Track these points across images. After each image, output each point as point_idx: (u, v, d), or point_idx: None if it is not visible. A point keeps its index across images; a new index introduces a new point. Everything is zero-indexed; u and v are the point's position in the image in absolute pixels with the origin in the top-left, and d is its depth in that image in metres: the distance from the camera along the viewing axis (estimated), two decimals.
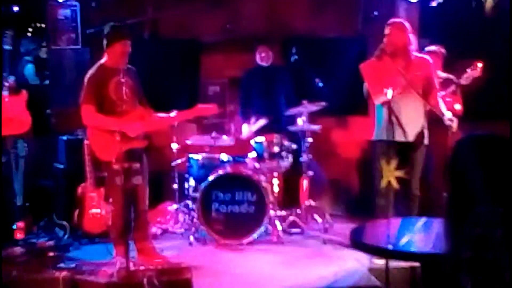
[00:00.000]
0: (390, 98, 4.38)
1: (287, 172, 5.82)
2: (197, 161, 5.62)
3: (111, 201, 4.68)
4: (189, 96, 6.39)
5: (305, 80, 5.85)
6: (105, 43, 4.56)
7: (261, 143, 5.55)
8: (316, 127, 5.68)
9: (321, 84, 5.65)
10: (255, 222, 5.20)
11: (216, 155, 5.65)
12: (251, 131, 5.86)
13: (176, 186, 5.82)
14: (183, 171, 5.79)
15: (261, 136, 5.66)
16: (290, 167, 5.66)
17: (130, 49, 4.55)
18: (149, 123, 4.67)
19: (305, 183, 5.70)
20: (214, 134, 5.80)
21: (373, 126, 4.88)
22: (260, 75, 6.34)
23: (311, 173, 5.71)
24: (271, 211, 5.31)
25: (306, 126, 5.60)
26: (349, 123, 7.05)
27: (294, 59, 5.78)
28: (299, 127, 5.64)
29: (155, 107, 4.81)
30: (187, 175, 5.72)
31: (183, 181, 5.79)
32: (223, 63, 6.89)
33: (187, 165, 5.72)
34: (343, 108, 6.67)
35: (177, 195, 5.83)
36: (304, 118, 5.58)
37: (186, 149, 5.87)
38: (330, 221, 5.66)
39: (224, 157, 5.60)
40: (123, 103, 4.44)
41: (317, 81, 5.65)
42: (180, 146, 5.78)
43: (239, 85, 6.55)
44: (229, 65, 6.87)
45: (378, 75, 4.62)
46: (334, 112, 6.32)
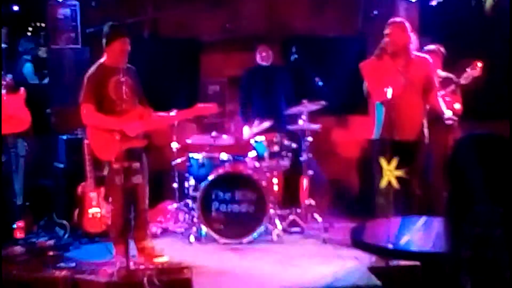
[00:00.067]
0: (390, 97, 4.39)
1: (287, 171, 5.83)
2: (197, 160, 5.62)
3: (111, 200, 4.68)
4: (188, 95, 6.39)
5: (305, 79, 5.85)
6: (104, 42, 4.56)
7: (261, 142, 5.55)
8: (316, 126, 5.67)
9: (321, 83, 5.65)
10: (255, 221, 5.20)
11: (216, 155, 5.65)
12: (252, 133, 5.83)
13: (176, 185, 5.82)
14: (183, 170, 5.80)
15: (261, 135, 5.66)
16: (290, 166, 5.66)
17: (129, 48, 4.55)
18: (148, 123, 4.67)
19: (305, 182, 5.70)
20: (214, 133, 5.81)
21: (373, 125, 4.88)
22: (260, 74, 6.34)
23: (311, 172, 5.71)
24: (271, 210, 5.31)
25: (306, 125, 5.60)
26: (349, 122, 7.05)
27: (294, 58, 5.77)
28: (299, 126, 5.64)
29: (155, 107, 4.81)
30: (187, 174, 5.72)
31: (183, 180, 5.79)
32: (222, 62, 6.89)
33: (187, 164, 5.72)
34: (343, 107, 6.68)
35: (177, 194, 5.83)
36: (304, 117, 5.58)
37: (186, 149, 5.87)
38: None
39: (224, 156, 5.60)
40: (123, 102, 4.44)
41: (317, 80, 5.65)
42: (180, 145, 5.79)
43: (239, 84, 6.55)
44: (229, 65, 6.87)
45: (378, 74, 4.61)
46: (334, 111, 6.32)
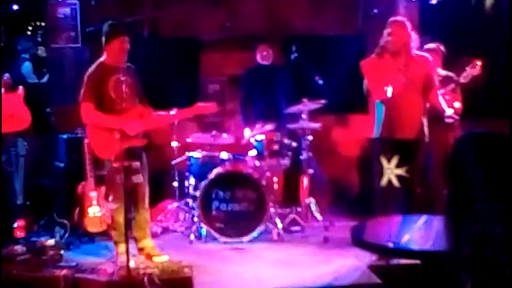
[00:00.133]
0: (390, 96, 4.38)
1: (287, 170, 5.83)
2: (197, 159, 5.62)
3: (111, 199, 4.67)
4: (188, 94, 6.38)
5: (305, 78, 5.84)
6: (103, 41, 4.56)
7: (261, 141, 5.55)
8: (316, 125, 5.67)
9: (321, 82, 5.65)
10: (256, 220, 5.20)
11: (216, 153, 5.65)
12: (253, 135, 5.79)
13: (176, 184, 5.83)
14: (183, 169, 5.80)
15: (261, 134, 5.66)
16: (290, 165, 5.65)
17: (128, 46, 4.55)
18: (148, 122, 4.67)
19: (305, 181, 5.70)
20: (214, 132, 5.81)
21: (373, 124, 4.87)
22: (260, 73, 6.34)
23: (311, 171, 5.71)
24: (271, 209, 5.31)
25: (306, 124, 5.60)
26: (349, 121, 7.06)
27: (294, 57, 5.77)
28: (299, 125, 5.64)
29: (155, 106, 4.80)
30: (187, 174, 5.73)
31: (183, 179, 5.80)
32: (222, 61, 6.89)
33: (187, 163, 5.72)
34: (343, 106, 6.68)
35: (177, 193, 5.83)
36: (304, 116, 5.58)
37: (186, 148, 5.87)
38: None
39: (224, 155, 5.60)
40: (123, 101, 4.43)
41: (317, 79, 5.65)
42: (180, 144, 5.79)
43: (239, 83, 6.55)
44: (229, 64, 6.88)
45: (378, 72, 4.61)
46: (334, 110, 6.33)
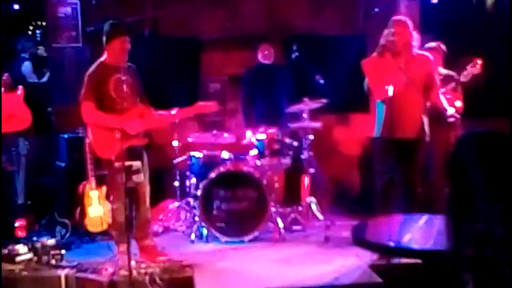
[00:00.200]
0: (391, 95, 4.38)
1: (288, 169, 5.82)
2: (198, 158, 5.62)
3: (112, 199, 4.67)
4: (189, 94, 6.39)
5: (306, 77, 5.84)
6: (104, 41, 4.56)
7: (262, 140, 5.54)
8: (317, 124, 5.67)
9: (322, 81, 5.64)
10: (257, 219, 5.20)
11: (217, 153, 5.65)
12: (255, 138, 5.73)
13: (177, 183, 5.83)
14: (184, 168, 5.80)
15: (262, 133, 5.65)
16: (291, 164, 5.65)
17: (129, 46, 4.54)
18: (149, 121, 4.67)
19: (306, 180, 5.69)
20: (215, 131, 5.80)
21: (374, 123, 4.87)
22: (261, 73, 6.34)
23: (312, 171, 5.71)
24: (272, 209, 5.31)
25: (307, 123, 5.60)
26: (350, 120, 7.05)
27: (295, 56, 5.77)
28: (300, 125, 5.64)
29: (156, 105, 4.80)
30: (188, 173, 5.73)
31: (184, 178, 5.80)
32: (223, 60, 6.89)
33: (188, 162, 5.72)
34: (344, 105, 6.67)
35: (178, 192, 5.84)
36: (305, 115, 5.58)
37: (187, 147, 5.88)
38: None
39: (225, 154, 5.60)
40: (123, 101, 4.43)
41: (318, 78, 5.64)
42: (181, 144, 5.79)
43: (239, 82, 6.55)
44: (230, 63, 6.88)
45: (379, 71, 4.60)
46: (335, 109, 6.32)
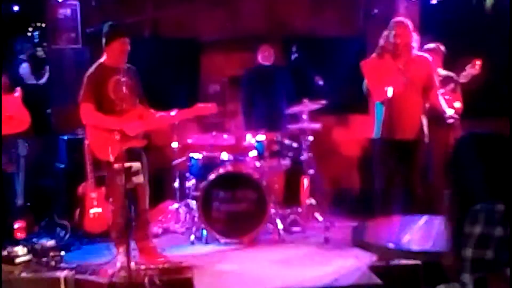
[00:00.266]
0: (390, 96, 4.38)
1: (288, 170, 5.83)
2: (198, 160, 5.62)
3: (111, 200, 4.66)
4: (189, 95, 6.39)
5: (306, 78, 5.83)
6: (104, 42, 4.55)
7: (262, 141, 5.54)
8: (316, 126, 5.67)
9: (321, 82, 5.64)
10: (256, 220, 5.19)
11: (217, 154, 5.64)
12: (255, 139, 5.69)
13: (177, 185, 5.83)
14: (184, 170, 5.80)
15: (262, 134, 5.65)
16: (290, 165, 5.65)
17: (129, 47, 4.54)
18: (148, 122, 4.66)
19: (305, 181, 5.69)
20: (214, 133, 5.80)
21: (374, 124, 4.87)
22: (261, 74, 6.34)
23: (311, 172, 5.70)
24: (272, 210, 5.30)
25: (306, 124, 5.59)
26: (349, 121, 7.05)
27: (294, 57, 5.77)
28: (299, 126, 5.64)
29: (156, 106, 4.80)
30: (188, 174, 5.72)
31: (184, 180, 5.80)
32: (223, 62, 6.89)
33: (188, 164, 5.72)
34: (344, 106, 6.68)
35: (178, 194, 5.83)
36: (304, 116, 5.57)
37: (186, 148, 5.87)
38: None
39: (224, 156, 5.59)
40: (123, 102, 4.43)
41: (317, 79, 5.64)
42: (181, 145, 5.79)
43: (239, 84, 6.55)
44: (229, 64, 6.87)
45: (378, 73, 4.60)
46: (334, 110, 6.32)
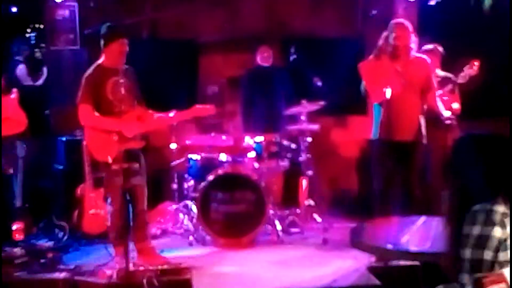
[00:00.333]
0: (389, 97, 4.38)
1: (286, 171, 5.83)
2: (196, 161, 5.61)
3: (110, 201, 4.66)
4: (187, 96, 6.38)
5: (304, 79, 5.83)
6: (102, 43, 4.55)
7: (260, 143, 5.54)
8: (315, 127, 5.67)
9: (320, 83, 5.64)
10: (255, 222, 5.19)
11: (215, 155, 5.64)
12: (253, 141, 5.69)
13: (175, 186, 5.82)
14: (182, 171, 5.79)
15: (260, 135, 5.65)
16: (289, 166, 5.65)
17: (127, 48, 4.54)
18: (146, 124, 4.66)
19: (304, 182, 5.69)
20: (213, 134, 5.80)
21: (372, 125, 4.87)
22: (260, 75, 6.34)
23: (310, 173, 5.70)
24: (271, 211, 5.30)
25: (305, 125, 5.59)
26: (348, 123, 7.05)
27: (293, 58, 5.77)
28: (298, 127, 5.63)
29: (154, 107, 4.80)
30: (186, 175, 5.72)
31: (182, 181, 5.79)
32: (221, 63, 6.89)
33: (186, 165, 5.71)
34: (342, 107, 6.67)
35: (176, 195, 5.83)
36: (303, 117, 5.58)
37: (185, 149, 5.87)
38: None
39: (223, 157, 5.59)
40: (121, 104, 4.42)
41: (316, 80, 5.64)
42: (179, 146, 5.79)
43: (238, 85, 6.55)
44: (228, 65, 6.87)
45: (376, 74, 4.60)
46: (333, 111, 6.33)
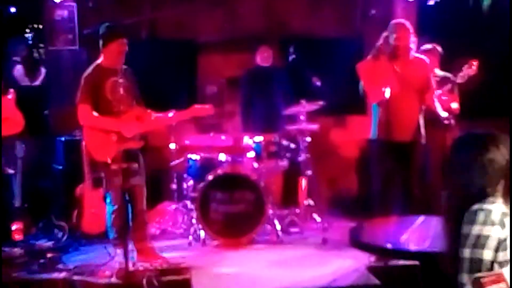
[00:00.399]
0: (387, 97, 4.38)
1: (286, 171, 5.83)
2: (196, 161, 5.61)
3: (109, 201, 4.66)
4: (187, 96, 6.38)
5: (303, 79, 5.83)
6: (101, 43, 4.55)
7: (260, 143, 5.54)
8: (314, 127, 5.67)
9: (319, 83, 5.64)
10: (254, 221, 5.19)
11: (214, 155, 5.64)
12: (252, 140, 5.69)
13: (174, 186, 5.82)
14: (181, 171, 5.79)
15: (259, 135, 5.65)
16: (288, 166, 5.65)
17: (126, 48, 4.54)
18: (145, 124, 4.67)
19: (303, 182, 5.69)
20: (212, 134, 5.80)
21: (371, 125, 4.88)
22: (260, 75, 6.34)
23: (309, 173, 5.70)
24: (270, 211, 5.31)
25: (304, 125, 5.60)
26: (347, 122, 7.05)
27: (292, 58, 5.77)
28: (297, 127, 5.64)
29: (153, 107, 4.80)
30: (185, 175, 5.72)
31: (181, 181, 5.79)
32: (221, 63, 6.88)
33: (185, 165, 5.71)
34: (341, 107, 6.67)
35: (175, 195, 5.83)
36: (302, 117, 5.58)
37: (184, 149, 5.87)
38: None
39: (222, 157, 5.59)
40: (120, 104, 4.43)
41: (315, 80, 5.64)
42: (178, 146, 5.79)
43: (237, 85, 6.55)
44: (227, 65, 6.87)
45: (374, 75, 4.60)
46: (332, 111, 6.32)
